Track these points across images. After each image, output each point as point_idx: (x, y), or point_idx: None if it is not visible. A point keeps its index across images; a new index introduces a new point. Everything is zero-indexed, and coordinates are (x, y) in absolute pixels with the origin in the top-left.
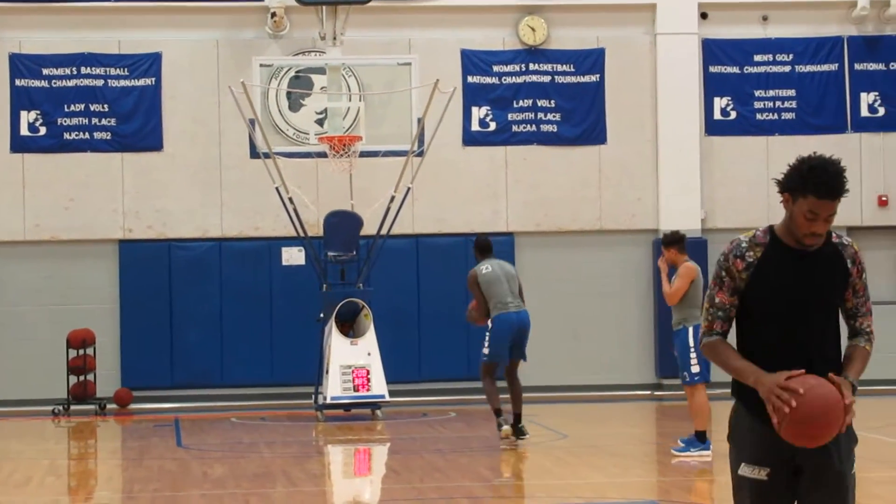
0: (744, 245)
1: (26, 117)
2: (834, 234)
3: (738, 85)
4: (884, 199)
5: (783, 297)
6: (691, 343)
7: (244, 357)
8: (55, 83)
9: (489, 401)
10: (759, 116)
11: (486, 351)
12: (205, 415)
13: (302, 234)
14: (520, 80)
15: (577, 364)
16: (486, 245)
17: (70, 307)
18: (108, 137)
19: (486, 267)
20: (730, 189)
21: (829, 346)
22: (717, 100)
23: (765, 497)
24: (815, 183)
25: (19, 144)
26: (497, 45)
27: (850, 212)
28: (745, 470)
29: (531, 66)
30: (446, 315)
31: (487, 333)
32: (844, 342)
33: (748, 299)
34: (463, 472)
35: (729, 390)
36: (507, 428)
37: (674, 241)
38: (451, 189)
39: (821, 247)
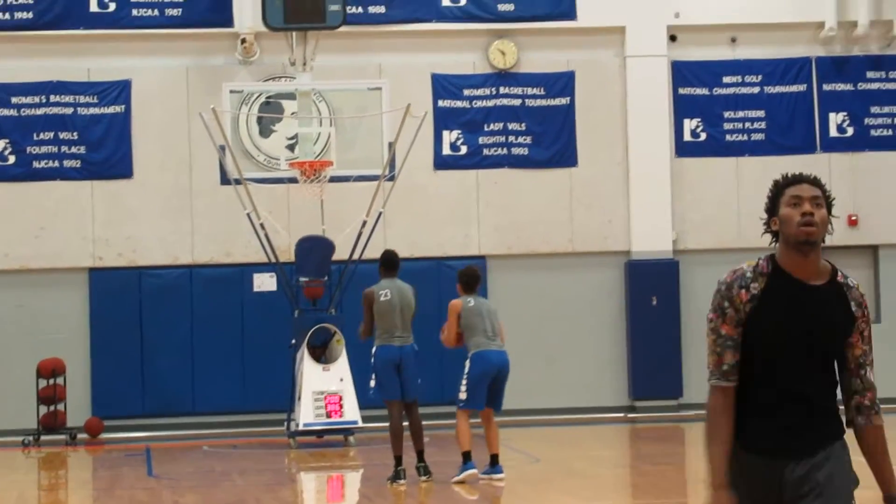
0: (748, 275)
1: None
2: (840, 273)
3: (708, 106)
4: (853, 218)
5: (785, 330)
6: (466, 370)
7: (216, 384)
8: (24, 111)
9: (391, 444)
10: (728, 137)
11: (372, 384)
12: (176, 443)
13: (273, 260)
14: (490, 103)
15: (550, 387)
16: (392, 262)
17: (40, 336)
18: (78, 165)
19: (385, 293)
20: (700, 210)
21: (827, 391)
22: (686, 121)
23: None
24: (786, 179)
25: None
26: (467, 69)
27: None
28: None
29: (501, 90)
30: (419, 340)
31: (372, 360)
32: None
33: (746, 335)
34: (436, 498)
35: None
36: (402, 483)
37: (457, 278)
38: (422, 213)
39: (825, 283)
